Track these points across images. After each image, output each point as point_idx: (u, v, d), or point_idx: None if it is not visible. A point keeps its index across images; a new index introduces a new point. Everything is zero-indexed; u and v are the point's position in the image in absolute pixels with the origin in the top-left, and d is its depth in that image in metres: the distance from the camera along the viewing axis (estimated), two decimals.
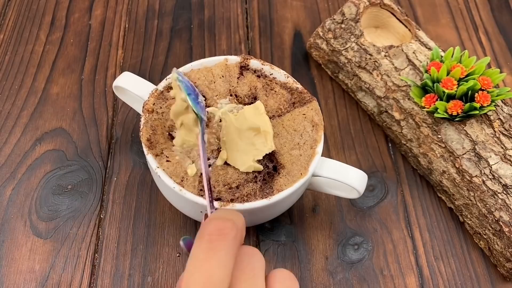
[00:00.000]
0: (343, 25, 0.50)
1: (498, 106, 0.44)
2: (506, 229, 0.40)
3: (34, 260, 0.42)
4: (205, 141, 0.33)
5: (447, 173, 0.44)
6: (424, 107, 0.44)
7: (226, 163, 0.38)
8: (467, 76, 0.43)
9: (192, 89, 0.35)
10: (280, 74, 0.42)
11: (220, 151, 0.39)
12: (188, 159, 0.38)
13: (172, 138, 0.39)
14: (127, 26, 0.57)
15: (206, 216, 0.32)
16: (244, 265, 0.25)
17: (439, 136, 0.44)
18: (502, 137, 0.43)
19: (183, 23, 0.57)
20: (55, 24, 0.56)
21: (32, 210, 0.44)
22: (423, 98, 0.44)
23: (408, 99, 0.46)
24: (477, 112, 0.42)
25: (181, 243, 0.28)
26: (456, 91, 0.42)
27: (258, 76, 0.43)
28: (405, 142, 0.47)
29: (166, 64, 0.54)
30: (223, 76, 0.42)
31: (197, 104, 0.34)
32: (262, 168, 0.38)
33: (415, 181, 0.48)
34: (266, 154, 0.39)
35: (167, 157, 0.38)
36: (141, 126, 0.39)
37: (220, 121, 0.39)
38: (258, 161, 0.38)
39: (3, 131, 0.48)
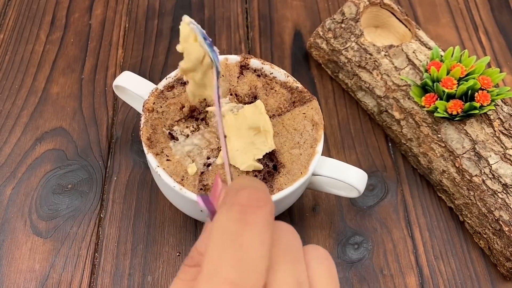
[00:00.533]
0: (343, 25, 0.50)
1: (498, 105, 0.45)
2: (506, 229, 0.40)
3: (34, 259, 0.42)
4: (220, 95, 0.28)
5: (447, 172, 0.44)
6: (424, 107, 0.44)
7: None
8: (467, 75, 0.43)
9: (206, 35, 0.31)
10: (280, 74, 0.43)
11: (220, 150, 0.39)
12: (188, 158, 0.38)
13: (173, 137, 0.39)
14: (127, 25, 0.57)
15: (217, 185, 0.25)
16: (282, 244, 0.21)
17: (439, 135, 0.44)
18: (502, 137, 0.43)
19: None
20: (55, 24, 0.56)
21: (32, 210, 0.44)
22: (423, 98, 0.44)
23: (408, 98, 0.46)
24: (477, 111, 0.42)
25: (198, 198, 0.23)
26: (456, 90, 0.42)
27: (258, 76, 0.43)
28: (405, 142, 0.47)
29: (166, 64, 0.54)
30: (223, 76, 0.42)
31: (213, 51, 0.30)
32: (262, 167, 0.38)
33: (415, 180, 0.48)
34: (266, 153, 0.39)
35: (167, 156, 0.38)
36: (141, 125, 0.39)
37: None
38: (258, 160, 0.38)
39: (3, 130, 0.48)
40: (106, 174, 0.47)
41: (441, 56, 0.45)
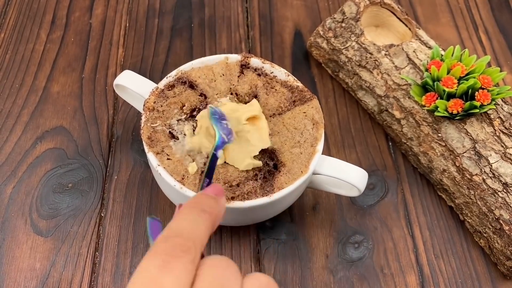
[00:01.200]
0: (343, 24, 0.50)
1: (498, 104, 0.45)
2: (506, 228, 0.40)
3: (34, 258, 0.42)
4: (218, 156, 0.33)
5: (447, 171, 0.44)
6: (424, 106, 0.44)
7: (226, 161, 0.38)
8: (467, 74, 0.43)
9: (220, 113, 0.36)
10: (281, 73, 0.43)
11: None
12: (189, 157, 0.38)
13: (173, 136, 0.39)
14: (127, 25, 0.57)
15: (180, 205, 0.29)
16: (207, 282, 0.23)
17: (440, 134, 0.44)
18: (502, 136, 0.43)
19: (184, 22, 0.57)
20: (55, 23, 0.56)
21: (32, 208, 0.44)
22: (424, 97, 0.44)
23: (409, 97, 0.46)
24: (477, 110, 0.42)
25: (148, 220, 0.27)
26: (456, 89, 0.42)
27: (259, 75, 0.43)
28: (405, 141, 0.47)
29: (167, 63, 0.54)
30: (223, 75, 0.42)
31: (219, 122, 0.35)
32: (261, 164, 0.38)
33: (415, 179, 0.48)
34: (267, 152, 0.39)
35: (168, 155, 0.38)
36: (142, 124, 0.39)
37: None
38: (258, 158, 0.38)
39: (4, 129, 0.49)
40: (106, 173, 0.47)
41: (442, 55, 0.45)
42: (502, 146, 0.42)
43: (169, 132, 0.39)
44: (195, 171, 0.37)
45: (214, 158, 0.33)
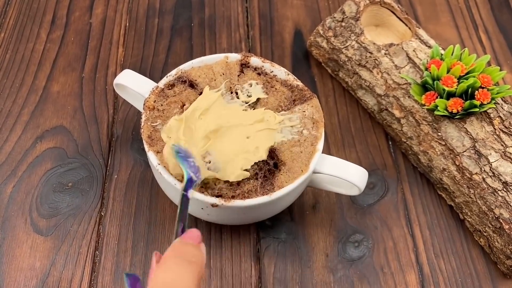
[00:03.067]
0: (343, 24, 0.50)
1: (498, 103, 0.45)
2: (506, 227, 0.40)
3: (34, 257, 0.42)
4: (189, 197, 0.30)
5: (447, 170, 0.44)
6: (424, 105, 0.44)
7: None
8: (467, 74, 0.43)
9: (184, 151, 0.34)
10: (281, 72, 0.43)
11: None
12: None
13: None
14: (127, 24, 0.57)
15: (176, 234, 0.28)
16: None
17: (439, 133, 0.44)
18: (502, 135, 0.43)
19: (184, 21, 0.57)
20: (55, 23, 0.56)
21: (32, 208, 0.44)
22: (423, 96, 0.44)
23: (408, 97, 0.46)
24: (477, 109, 0.42)
25: (125, 276, 0.25)
26: (456, 88, 0.42)
27: (259, 74, 0.43)
28: (405, 140, 0.47)
29: (167, 63, 0.54)
30: (223, 74, 0.42)
31: (185, 161, 0.33)
32: (249, 175, 0.37)
33: (415, 178, 0.48)
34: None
35: None
36: (142, 124, 0.39)
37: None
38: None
39: (4, 129, 0.49)
40: (106, 172, 0.47)
41: (441, 54, 0.45)
42: (502, 145, 0.42)
43: None
44: None
45: (185, 199, 0.30)
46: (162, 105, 0.40)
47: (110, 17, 0.57)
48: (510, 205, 0.40)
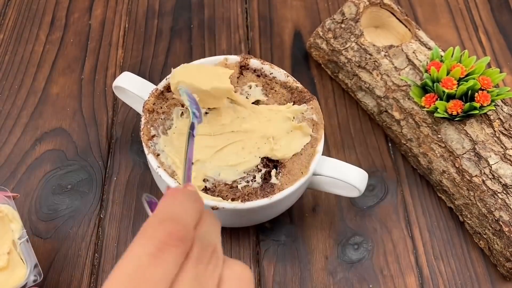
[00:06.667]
0: (343, 25, 0.50)
1: (498, 105, 0.45)
2: (506, 229, 0.40)
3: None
4: (194, 134, 0.31)
5: (447, 172, 0.44)
6: (424, 107, 0.44)
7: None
8: (467, 75, 0.43)
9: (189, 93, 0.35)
10: (280, 74, 0.42)
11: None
12: None
13: None
14: (127, 26, 0.57)
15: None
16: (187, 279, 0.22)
17: (439, 135, 0.44)
18: (502, 137, 0.43)
19: (183, 23, 0.57)
20: (55, 24, 0.56)
21: (32, 210, 0.44)
22: (423, 98, 0.44)
23: (408, 98, 0.46)
24: (477, 111, 0.42)
25: (145, 198, 0.26)
26: (456, 90, 0.42)
27: (258, 76, 0.43)
28: (405, 142, 0.47)
29: (166, 64, 0.54)
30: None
31: (191, 99, 0.34)
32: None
33: (415, 180, 0.48)
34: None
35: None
36: (142, 126, 0.39)
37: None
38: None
39: (3, 131, 0.48)
40: (106, 175, 0.46)
41: (441, 56, 0.45)
42: (502, 147, 0.42)
43: None
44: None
45: (191, 138, 0.30)
46: (161, 107, 0.40)
47: (109, 19, 0.57)
48: (510, 208, 0.40)
